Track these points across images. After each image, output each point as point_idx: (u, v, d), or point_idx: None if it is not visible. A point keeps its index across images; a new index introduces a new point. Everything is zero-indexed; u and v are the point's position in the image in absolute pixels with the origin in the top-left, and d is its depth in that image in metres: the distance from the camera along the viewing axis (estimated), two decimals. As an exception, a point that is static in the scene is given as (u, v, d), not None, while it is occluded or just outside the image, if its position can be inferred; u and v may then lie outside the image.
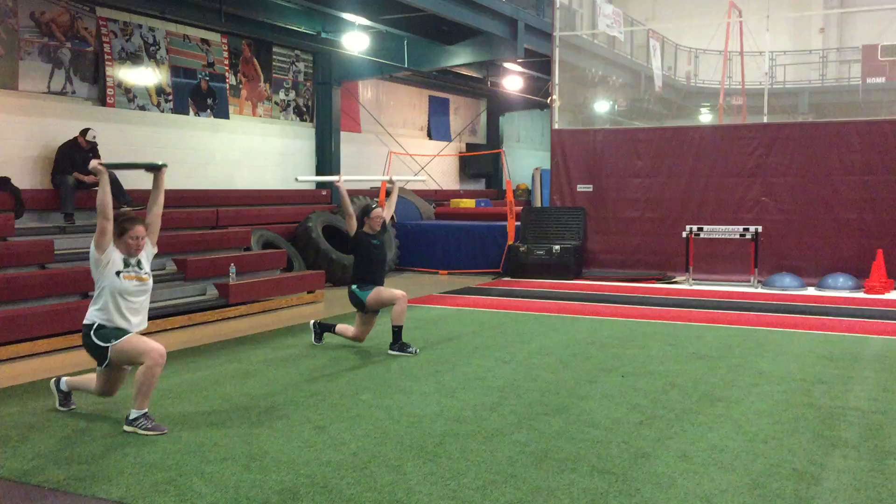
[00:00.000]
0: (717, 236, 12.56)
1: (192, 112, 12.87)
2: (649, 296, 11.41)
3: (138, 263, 5.08)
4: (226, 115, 13.52)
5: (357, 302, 7.40)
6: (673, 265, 13.23)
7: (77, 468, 4.36)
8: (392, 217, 7.71)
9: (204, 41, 13.06)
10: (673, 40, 25.08)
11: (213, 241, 11.05)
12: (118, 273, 4.95)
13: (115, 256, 4.99)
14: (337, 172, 15.89)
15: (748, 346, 7.73)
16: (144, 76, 12.00)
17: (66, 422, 5.22)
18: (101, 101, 11.37)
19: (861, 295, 11.46)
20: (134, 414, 4.98)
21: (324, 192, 15.48)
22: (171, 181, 12.25)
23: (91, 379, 5.35)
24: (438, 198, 18.83)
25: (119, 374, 5.26)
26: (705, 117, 26.11)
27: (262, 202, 13.76)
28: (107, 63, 11.37)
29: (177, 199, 11.95)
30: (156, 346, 4.97)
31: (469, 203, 17.77)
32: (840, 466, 4.38)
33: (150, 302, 8.91)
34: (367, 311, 7.45)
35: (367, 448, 4.65)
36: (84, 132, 10.43)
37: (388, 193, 7.65)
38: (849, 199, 12.48)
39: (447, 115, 21.07)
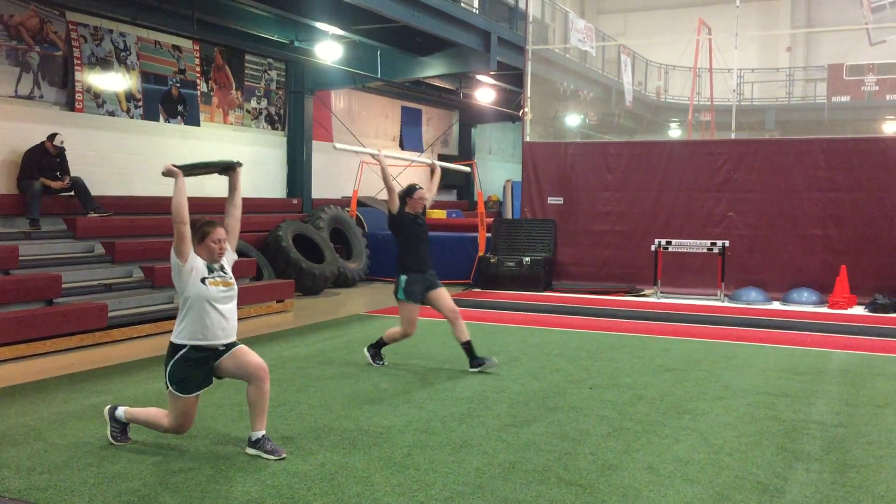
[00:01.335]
0: (684, 250, 12.69)
1: (162, 118, 12.76)
2: (618, 308, 11.49)
3: (222, 268, 4.80)
4: (196, 122, 13.43)
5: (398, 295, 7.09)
6: (641, 278, 13.34)
7: (39, 478, 4.29)
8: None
9: (175, 47, 12.97)
10: (644, 56, 25.39)
11: (182, 248, 10.93)
12: (203, 280, 4.66)
13: (199, 263, 4.70)
14: (308, 182, 15.87)
15: (714, 359, 7.82)
16: (114, 82, 11.89)
17: (29, 431, 5.14)
18: (70, 106, 11.24)
19: (825, 310, 11.64)
20: (120, 414, 4.87)
21: (294, 202, 15.42)
22: (139, 188, 12.28)
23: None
24: (410, 208, 18.81)
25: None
26: (674, 132, 26.48)
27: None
28: (76, 68, 11.25)
29: (144, 206, 11.86)
30: (183, 426, 4.72)
31: (440, 214, 17.80)
32: (803, 479, 4.44)
33: (117, 309, 8.91)
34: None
35: (335, 459, 4.63)
36: (52, 137, 10.30)
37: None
38: (813, 216, 12.68)
39: (419, 125, 21.11)
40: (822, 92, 25.91)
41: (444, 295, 7.13)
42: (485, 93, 19.55)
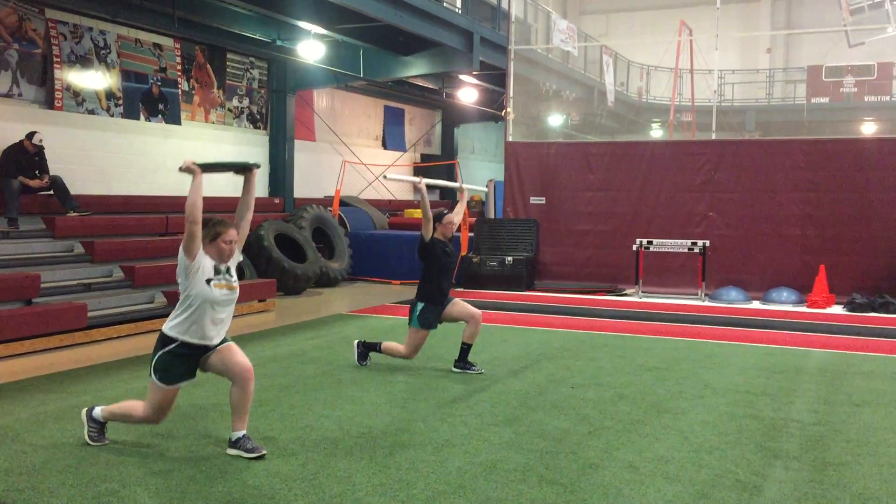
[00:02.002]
0: (666, 250, 12.76)
1: (142, 117, 12.68)
2: (600, 308, 11.53)
3: (227, 271, 4.71)
4: (178, 121, 13.35)
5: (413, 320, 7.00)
6: (623, 278, 13.40)
7: (17, 479, 4.25)
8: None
9: (156, 45, 12.89)
10: (626, 57, 25.51)
11: (163, 248, 10.87)
12: (208, 281, 4.59)
13: (206, 263, 4.62)
14: (290, 181, 15.82)
15: (695, 358, 7.87)
16: (94, 80, 11.80)
17: (6, 433, 5.08)
18: (49, 104, 11.15)
19: (804, 309, 11.74)
20: (98, 415, 4.82)
21: (276, 201, 15.36)
22: (120, 187, 12.19)
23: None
24: (392, 208, 18.83)
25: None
26: (656, 133, 26.64)
27: (213, 209, 13.49)
28: (55, 66, 11.16)
29: (126, 205, 11.78)
30: (157, 417, 4.73)
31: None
32: (781, 477, 4.48)
33: (96, 309, 8.83)
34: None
35: (316, 459, 4.62)
36: (30, 135, 10.21)
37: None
38: (793, 216, 12.79)
39: (402, 125, 21.10)
40: (801, 93, 26.14)
41: (459, 303, 7.07)
42: (467, 92, 19.56)
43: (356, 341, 7.37)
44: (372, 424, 5.34)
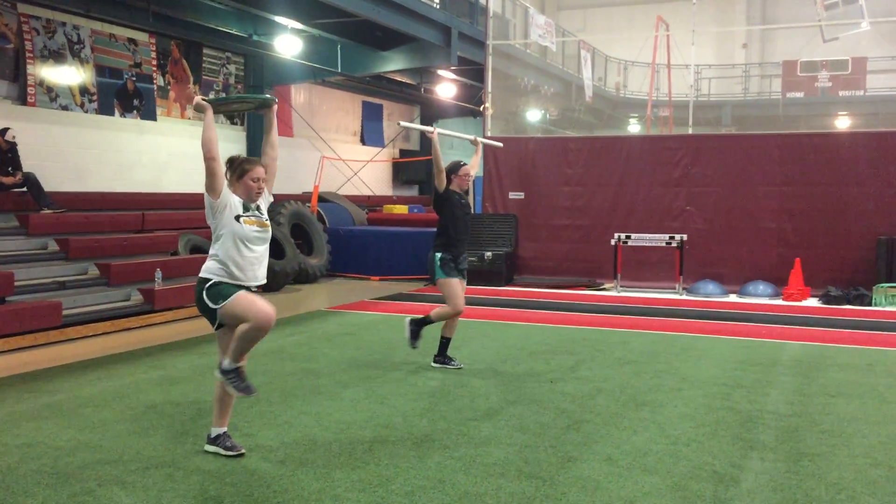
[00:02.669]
0: (644, 244, 12.83)
1: (117, 113, 12.55)
2: (578, 302, 11.57)
3: (258, 208, 4.63)
4: (153, 117, 13.23)
5: (433, 272, 6.80)
6: (602, 272, 13.46)
7: (-10, 480, 4.20)
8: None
9: (131, 41, 12.76)
10: (603, 52, 25.59)
11: (139, 245, 10.78)
12: (238, 217, 4.50)
13: (234, 200, 4.53)
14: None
15: (673, 351, 7.92)
16: (68, 75, 11.66)
17: (-21, 432, 5.03)
18: (22, 99, 11.01)
19: (780, 302, 11.85)
20: (226, 364, 4.55)
21: (254, 197, 15.28)
22: (96, 183, 12.07)
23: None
24: (371, 203, 18.78)
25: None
26: (634, 128, 26.74)
27: (190, 206, 13.47)
28: (28, 61, 11.02)
29: (101, 201, 11.66)
30: (264, 309, 4.40)
31: (402, 209, 17.75)
32: (758, 468, 4.52)
33: (71, 307, 8.74)
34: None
35: (295, 456, 4.60)
36: (3, 132, 10.09)
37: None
38: (769, 210, 12.90)
39: (381, 120, 21.04)
40: (777, 88, 26.34)
41: (462, 288, 6.99)
42: (446, 88, 19.55)
43: (406, 321, 7.15)
44: (351, 420, 5.33)
